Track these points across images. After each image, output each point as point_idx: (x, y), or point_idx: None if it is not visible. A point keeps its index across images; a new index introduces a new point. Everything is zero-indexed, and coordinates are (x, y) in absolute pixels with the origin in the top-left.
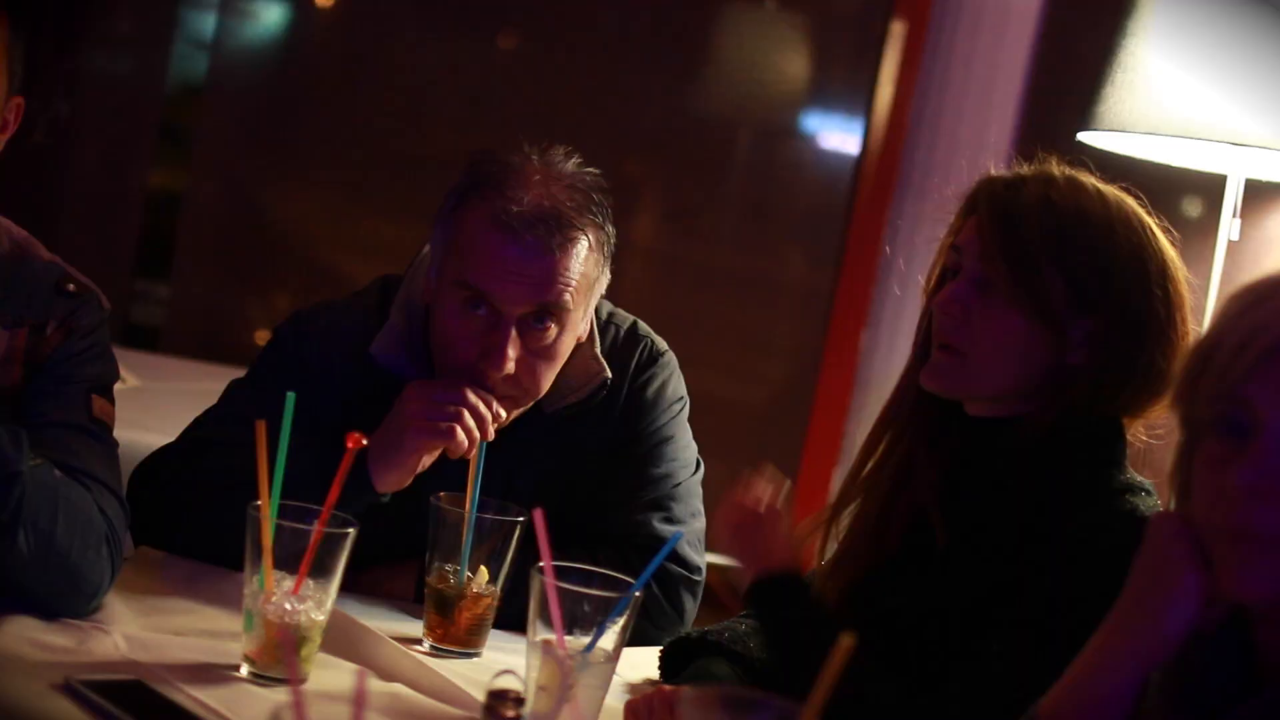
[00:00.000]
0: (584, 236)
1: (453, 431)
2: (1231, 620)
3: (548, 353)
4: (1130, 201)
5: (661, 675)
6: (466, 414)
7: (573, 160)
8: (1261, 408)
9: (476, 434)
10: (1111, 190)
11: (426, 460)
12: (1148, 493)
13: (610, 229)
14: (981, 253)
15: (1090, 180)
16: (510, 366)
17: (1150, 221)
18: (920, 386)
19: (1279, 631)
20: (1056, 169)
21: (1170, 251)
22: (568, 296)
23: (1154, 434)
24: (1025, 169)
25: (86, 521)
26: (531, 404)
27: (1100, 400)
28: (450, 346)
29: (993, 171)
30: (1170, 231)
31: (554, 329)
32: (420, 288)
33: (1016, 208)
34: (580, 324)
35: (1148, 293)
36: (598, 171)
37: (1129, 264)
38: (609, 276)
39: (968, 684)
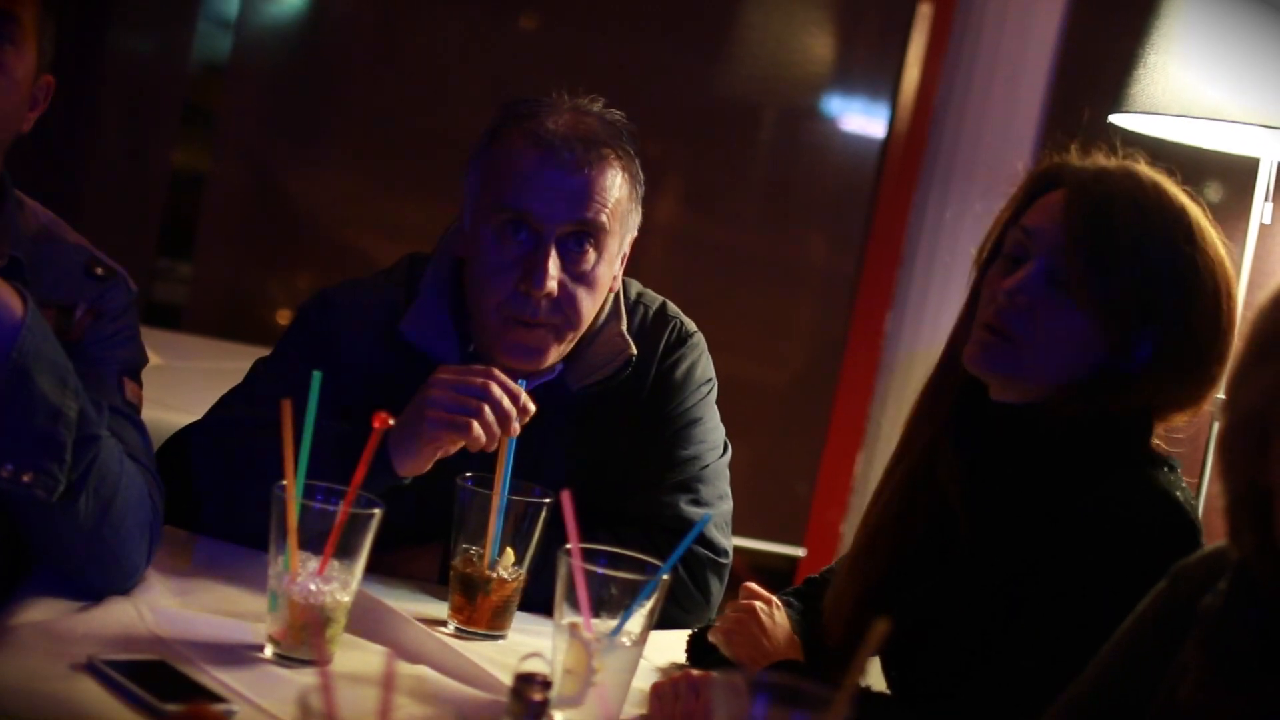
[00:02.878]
0: (618, 160)
1: (469, 427)
2: (1275, 589)
3: (587, 278)
4: (1196, 207)
5: (689, 660)
6: (488, 409)
7: (599, 104)
8: None
9: (497, 430)
10: (1182, 193)
11: (449, 449)
12: (1171, 468)
13: (640, 171)
14: (1061, 247)
15: (1169, 183)
16: (553, 285)
17: (1213, 230)
18: (953, 369)
19: None
20: (1142, 166)
21: (1229, 263)
22: (604, 217)
23: (1173, 436)
24: (1107, 159)
25: (140, 500)
26: (560, 372)
27: (1143, 408)
28: (490, 278)
29: (1074, 155)
30: (1225, 240)
31: (592, 253)
32: (447, 265)
33: (1106, 209)
34: (615, 259)
35: (1214, 306)
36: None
37: (1202, 276)
38: (639, 217)
39: (993, 675)
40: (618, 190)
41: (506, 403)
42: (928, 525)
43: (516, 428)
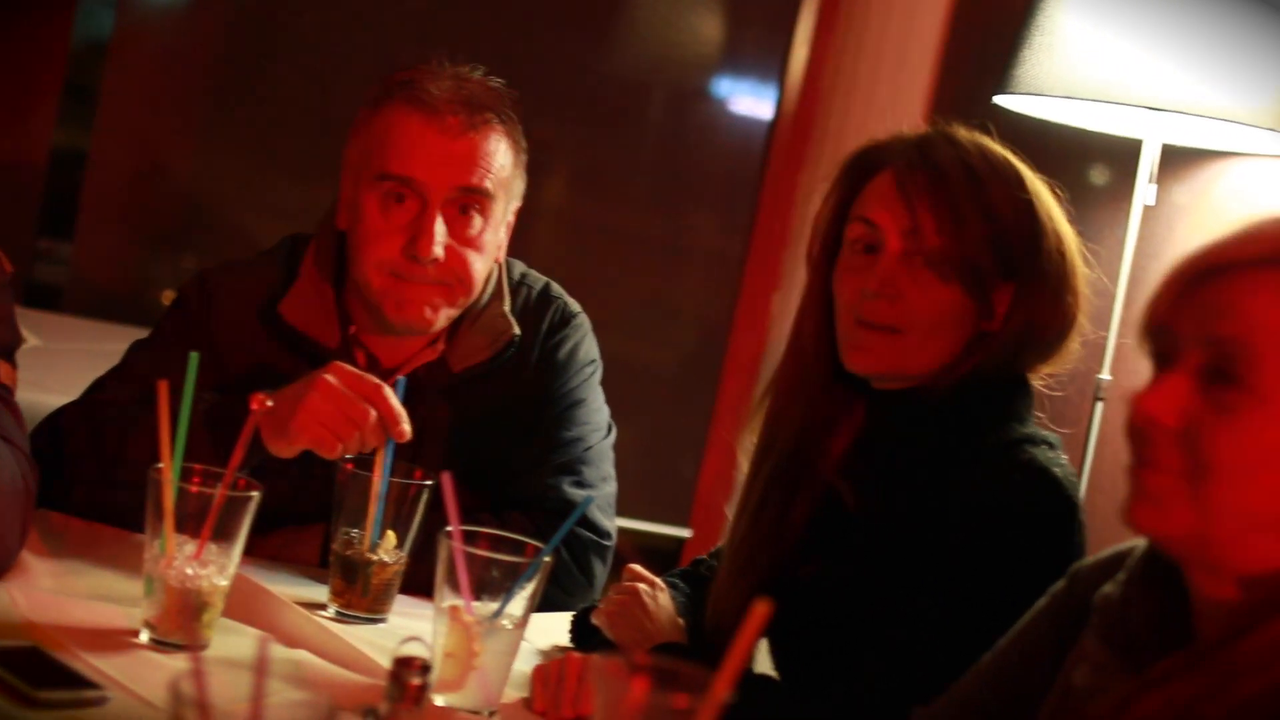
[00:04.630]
0: (501, 126)
1: (334, 446)
2: (1166, 567)
3: (475, 242)
4: (1016, 158)
5: (572, 642)
6: (359, 433)
7: (480, 72)
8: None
9: (363, 449)
10: (1005, 150)
11: None
12: (1050, 445)
13: (523, 139)
14: (910, 228)
15: (988, 140)
16: (439, 250)
17: (1040, 182)
18: (815, 360)
19: (1208, 576)
20: (958, 129)
21: (1059, 210)
22: (489, 183)
23: (1053, 382)
24: (927, 129)
25: (12, 482)
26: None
27: (1010, 362)
28: (373, 243)
29: (892, 134)
30: (1056, 191)
31: (478, 219)
32: (329, 244)
33: (940, 176)
34: (501, 226)
35: (1055, 254)
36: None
37: (1042, 221)
38: (524, 185)
39: (877, 658)
40: (502, 156)
41: (378, 427)
42: (810, 509)
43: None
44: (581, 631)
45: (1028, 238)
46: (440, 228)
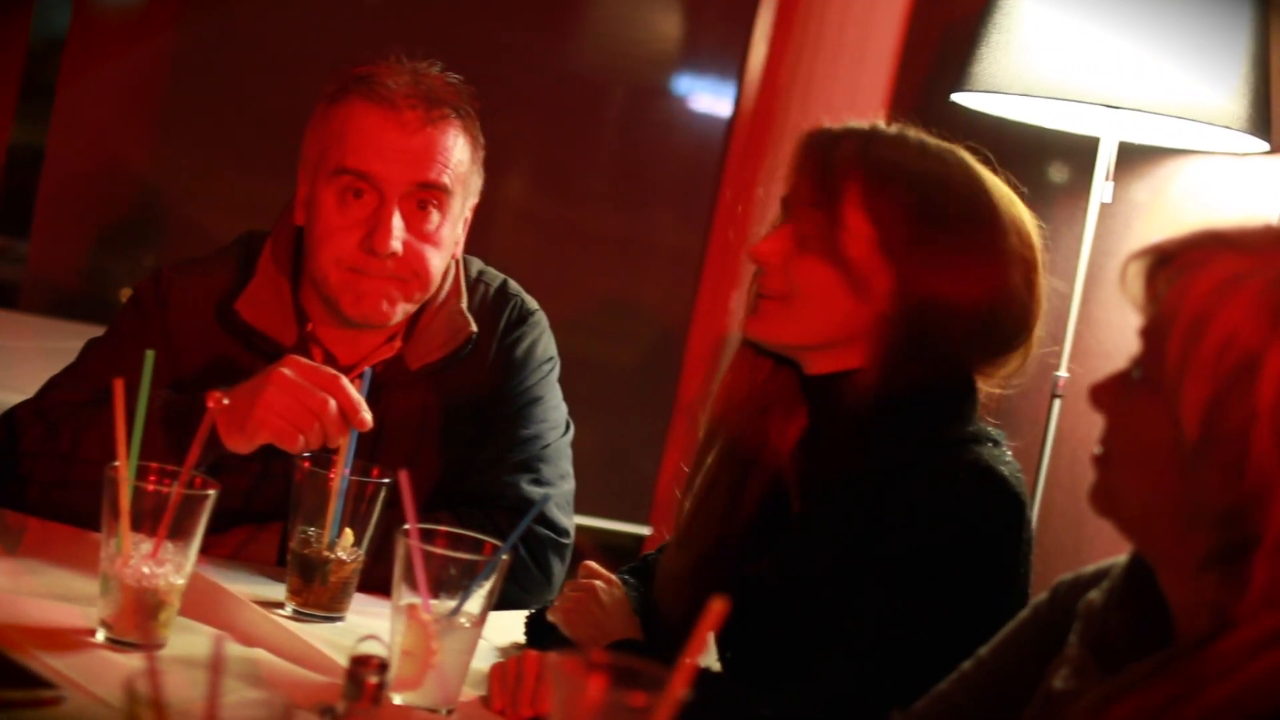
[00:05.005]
0: (459, 121)
1: (294, 439)
2: (1147, 576)
3: (432, 238)
4: (964, 156)
5: (528, 640)
6: (319, 423)
7: (438, 67)
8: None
9: (322, 444)
10: (943, 144)
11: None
12: (995, 443)
13: (481, 135)
14: (798, 203)
15: (918, 135)
16: (397, 245)
17: (986, 176)
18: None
19: (1178, 578)
20: (885, 124)
21: (1008, 206)
22: (447, 178)
23: (1011, 386)
24: (856, 123)
25: None
26: (401, 352)
27: (938, 357)
28: (330, 238)
29: (823, 124)
30: (1018, 188)
31: (435, 214)
32: (286, 241)
33: (833, 160)
34: (459, 222)
35: (965, 247)
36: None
37: (943, 217)
38: (481, 180)
39: (827, 657)
40: (459, 151)
41: (338, 419)
42: (757, 497)
43: (346, 438)
44: (537, 630)
45: (918, 225)
46: (398, 222)
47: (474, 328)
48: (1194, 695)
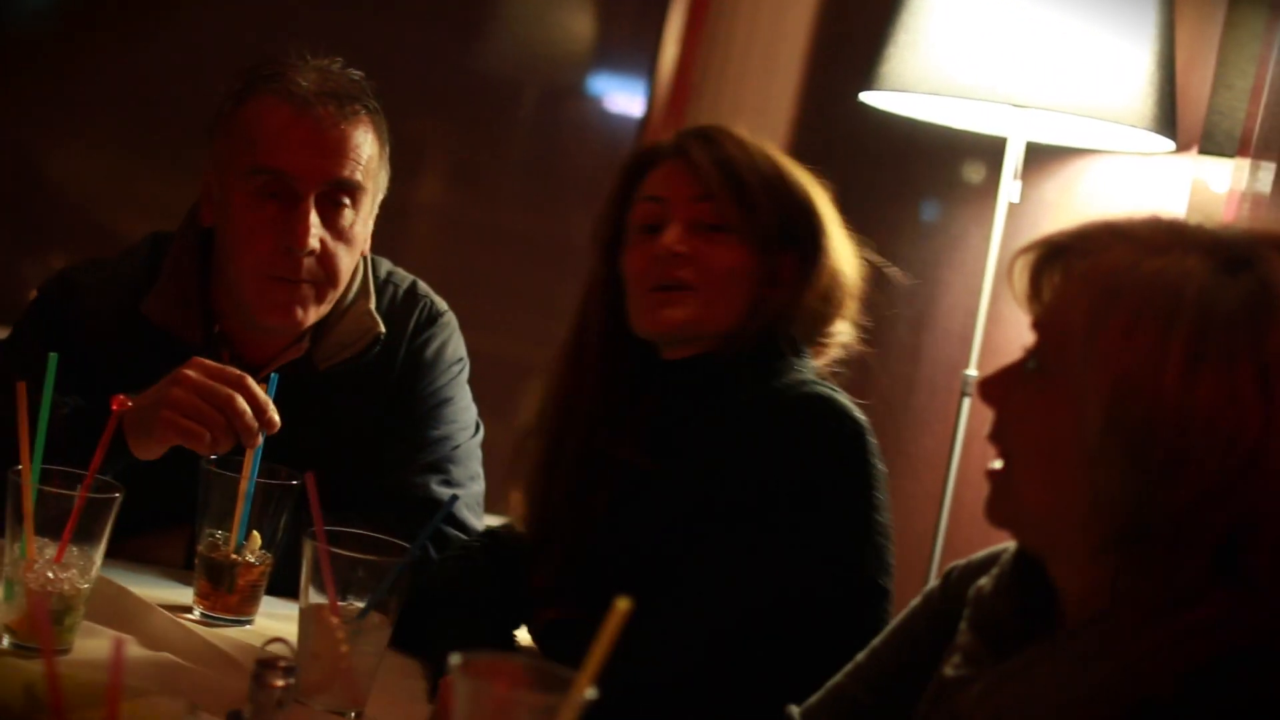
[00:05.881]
0: (368, 117)
1: (202, 437)
2: (1035, 564)
3: (346, 236)
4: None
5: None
6: (227, 423)
7: (339, 64)
8: None
9: (233, 443)
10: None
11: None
12: (833, 390)
13: (387, 132)
14: (698, 195)
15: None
16: (315, 242)
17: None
18: (606, 347)
19: (1068, 577)
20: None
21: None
22: (360, 175)
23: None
24: (691, 128)
25: None
26: (309, 351)
27: (784, 327)
28: (247, 240)
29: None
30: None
31: (349, 211)
32: (193, 241)
33: (722, 151)
34: (369, 219)
35: (825, 229)
36: None
37: (815, 202)
38: (388, 177)
39: (688, 589)
40: (369, 147)
41: (249, 418)
42: (611, 489)
43: (258, 440)
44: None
45: (807, 211)
46: (315, 220)
47: (381, 328)
48: (1076, 678)
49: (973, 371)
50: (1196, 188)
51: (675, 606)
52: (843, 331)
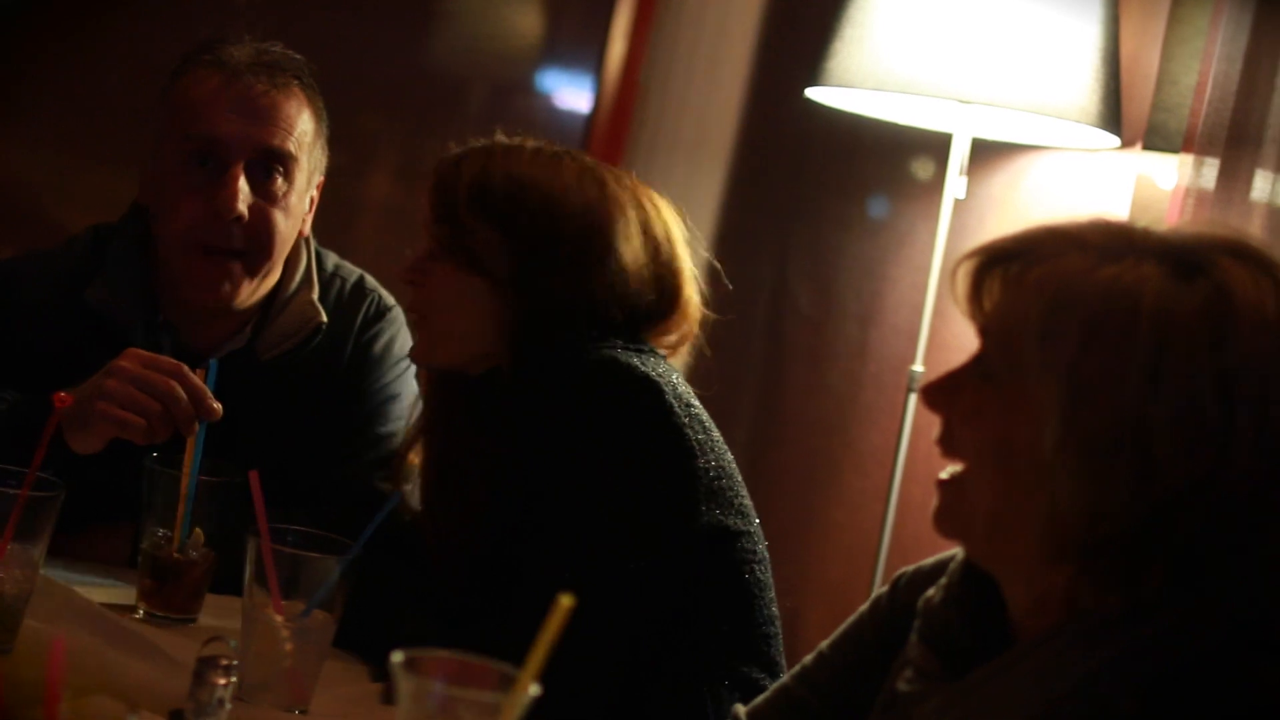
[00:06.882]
0: (303, 92)
1: (139, 427)
2: (983, 576)
3: (280, 202)
4: (582, 157)
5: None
6: (163, 410)
7: (280, 46)
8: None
9: (170, 432)
10: (560, 149)
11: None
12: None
13: (324, 111)
14: (429, 223)
15: (535, 144)
16: (242, 207)
17: (606, 173)
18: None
19: (1018, 588)
20: (500, 139)
21: (632, 198)
22: (291, 145)
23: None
24: (477, 143)
25: None
26: (252, 341)
27: (554, 335)
28: (176, 206)
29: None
30: (627, 175)
31: (281, 180)
32: (137, 231)
33: (453, 176)
34: (305, 196)
35: (574, 235)
36: None
37: (553, 211)
38: (326, 159)
39: (532, 583)
40: (305, 122)
41: (186, 404)
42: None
43: (196, 427)
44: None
45: (533, 222)
46: (244, 185)
47: (324, 318)
48: (1034, 693)
49: (919, 368)
50: (1141, 184)
51: (524, 601)
52: (680, 330)
